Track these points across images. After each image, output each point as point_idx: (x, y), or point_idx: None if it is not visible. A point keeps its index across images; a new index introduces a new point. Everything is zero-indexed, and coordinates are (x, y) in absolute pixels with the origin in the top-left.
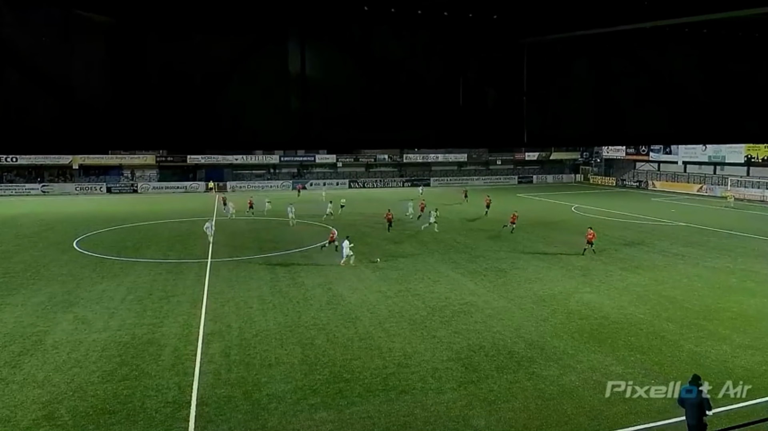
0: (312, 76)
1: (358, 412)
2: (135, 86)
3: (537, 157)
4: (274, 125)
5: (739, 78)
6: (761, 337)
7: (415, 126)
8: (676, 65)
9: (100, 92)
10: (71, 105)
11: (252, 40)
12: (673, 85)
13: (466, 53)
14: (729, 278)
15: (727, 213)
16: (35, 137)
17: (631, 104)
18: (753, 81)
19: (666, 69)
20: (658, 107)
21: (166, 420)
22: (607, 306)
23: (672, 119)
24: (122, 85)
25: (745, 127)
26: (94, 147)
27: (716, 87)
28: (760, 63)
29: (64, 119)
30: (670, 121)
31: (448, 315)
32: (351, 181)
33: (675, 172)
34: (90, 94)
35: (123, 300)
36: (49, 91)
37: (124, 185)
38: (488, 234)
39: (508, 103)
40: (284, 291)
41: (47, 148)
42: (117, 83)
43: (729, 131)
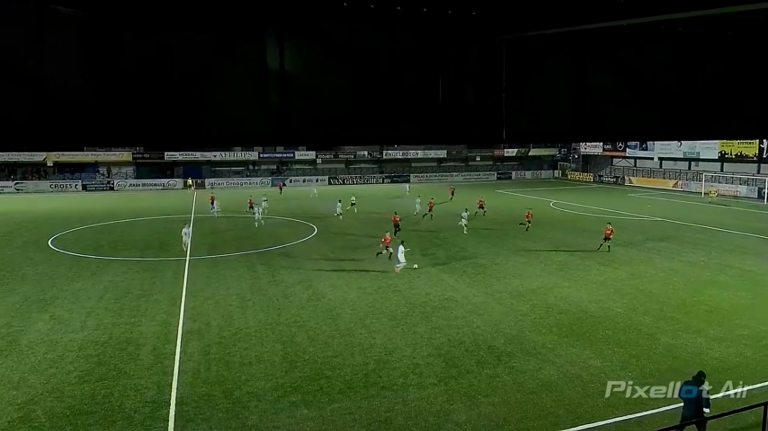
0: (291, 72)
1: (339, 409)
2: (111, 82)
3: (516, 153)
4: (253, 121)
5: (713, 75)
6: (734, 330)
7: (395, 122)
8: (652, 62)
9: (75, 88)
10: (45, 101)
11: (230, 37)
12: (649, 82)
13: (446, 50)
14: (704, 272)
15: (702, 208)
16: (8, 133)
17: (608, 101)
18: (727, 78)
19: (642, 66)
20: (634, 104)
21: (145, 420)
22: (585, 301)
23: (648, 116)
24: (98, 80)
25: (719, 123)
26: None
27: (691, 84)
28: (734, 61)
29: (38, 115)
30: (646, 117)
31: (428, 310)
32: (331, 178)
33: (651, 167)
34: (65, 89)
35: (100, 299)
36: (22, 87)
37: (100, 183)
38: (468, 230)
39: (487, 100)
40: (264, 288)
41: (21, 144)
42: (93, 79)
43: (704, 127)
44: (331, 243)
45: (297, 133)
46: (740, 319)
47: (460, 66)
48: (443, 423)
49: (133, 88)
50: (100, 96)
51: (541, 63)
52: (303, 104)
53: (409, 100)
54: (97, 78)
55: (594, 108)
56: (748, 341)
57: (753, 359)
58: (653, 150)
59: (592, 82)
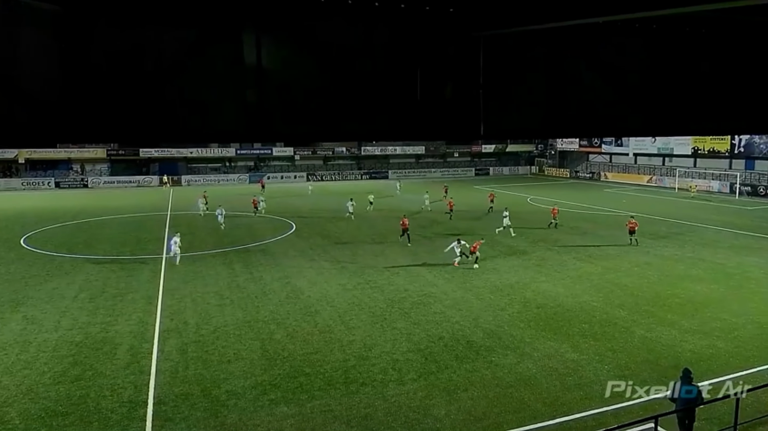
0: (268, 68)
1: (318, 406)
2: (84, 77)
3: (493, 150)
4: (230, 117)
5: (687, 72)
6: (707, 322)
7: (373, 118)
8: (628, 60)
9: (47, 83)
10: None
11: (207, 32)
12: (624, 79)
13: (424, 46)
14: (677, 266)
15: (676, 203)
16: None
17: (584, 97)
18: (700, 75)
19: (618, 63)
20: (610, 100)
21: (122, 420)
22: (561, 295)
23: (624, 112)
24: (70, 76)
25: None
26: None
27: (666, 81)
28: (707, 58)
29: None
30: (622, 113)
31: (407, 306)
32: (309, 174)
33: (626, 163)
34: (36, 85)
35: (75, 299)
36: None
37: (73, 180)
38: (448, 226)
39: (465, 96)
40: (242, 286)
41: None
42: (65, 74)
43: (678, 124)
44: (310, 240)
45: (274, 129)
46: (713, 312)
47: (437, 62)
48: (423, 418)
49: (107, 84)
50: (72, 92)
51: (518, 59)
52: (280, 100)
53: (387, 96)
54: (69, 73)
55: (571, 104)
56: (721, 333)
57: (725, 350)
58: (628, 146)
59: (569, 79)
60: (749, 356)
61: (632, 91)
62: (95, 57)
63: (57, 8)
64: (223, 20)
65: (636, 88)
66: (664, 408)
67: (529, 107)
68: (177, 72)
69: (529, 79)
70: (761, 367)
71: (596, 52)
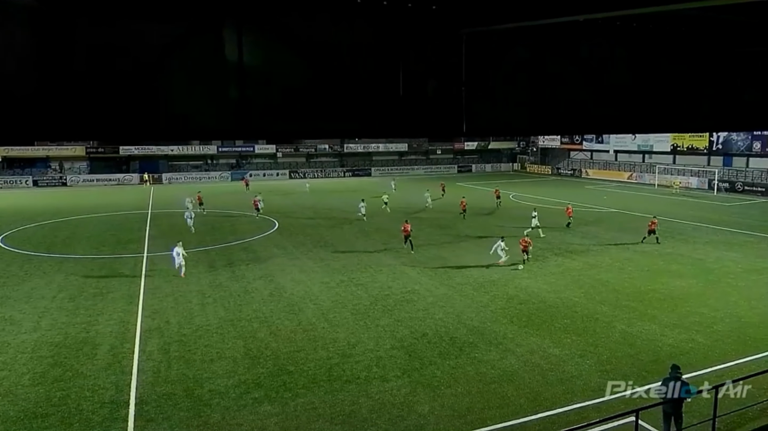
0: (250, 64)
1: (302, 404)
2: (63, 73)
3: (476, 147)
4: (212, 114)
5: (667, 70)
6: (686, 316)
7: (356, 116)
8: (609, 58)
9: (24, 80)
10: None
11: (187, 27)
12: (606, 77)
13: (406, 43)
14: (657, 261)
15: (656, 199)
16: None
17: (566, 95)
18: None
19: (599, 61)
20: (592, 98)
21: (104, 421)
22: (544, 291)
23: (605, 109)
24: (49, 72)
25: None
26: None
27: (646, 79)
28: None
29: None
30: (603, 111)
31: (390, 304)
32: (291, 171)
33: (607, 160)
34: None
35: (54, 299)
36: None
37: (52, 178)
38: (431, 223)
39: (448, 94)
40: (224, 284)
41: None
42: (42, 70)
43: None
44: (293, 238)
45: (256, 126)
46: (692, 306)
47: (420, 59)
48: (407, 414)
49: (85, 80)
50: (50, 88)
51: (500, 57)
52: (262, 97)
53: (370, 93)
54: (47, 69)
55: (552, 102)
56: (700, 327)
57: (704, 344)
58: (609, 143)
59: (551, 77)
60: (727, 350)
61: (613, 89)
62: (73, 52)
63: (34, 2)
64: (205, 16)
65: (617, 85)
66: (644, 402)
67: (512, 104)
68: (157, 68)
69: (512, 77)
70: (739, 360)
71: (578, 50)
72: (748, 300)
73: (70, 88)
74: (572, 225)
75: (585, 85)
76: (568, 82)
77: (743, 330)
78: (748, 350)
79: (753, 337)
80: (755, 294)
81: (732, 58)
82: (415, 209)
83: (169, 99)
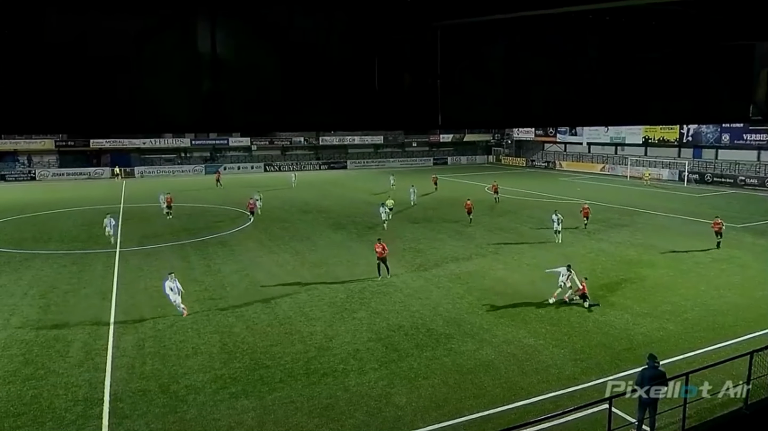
0: (223, 56)
1: (280, 398)
2: (29, 64)
3: (451, 139)
4: (184, 107)
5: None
6: (658, 306)
7: (330, 108)
8: (581, 50)
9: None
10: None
11: (160, 18)
12: (578, 69)
13: (381, 35)
14: (629, 251)
15: (628, 191)
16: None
17: (541, 88)
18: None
19: (573, 54)
20: (565, 90)
21: (78, 419)
22: (519, 282)
23: (578, 102)
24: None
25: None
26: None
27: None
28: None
29: None
30: (576, 103)
31: (367, 296)
32: (266, 164)
33: (580, 152)
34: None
35: (24, 296)
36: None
37: (20, 172)
38: (405, 215)
39: (423, 86)
40: (199, 279)
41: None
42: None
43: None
44: (268, 232)
45: (229, 119)
46: (664, 296)
47: (395, 52)
48: (384, 406)
49: (54, 71)
50: (17, 79)
51: (475, 50)
52: (236, 89)
53: (345, 85)
54: (13, 59)
55: (527, 94)
56: (671, 316)
57: (675, 332)
58: (582, 135)
59: (526, 69)
60: (698, 337)
61: (586, 82)
62: (41, 42)
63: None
64: (178, 6)
65: (590, 78)
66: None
67: (487, 97)
68: (129, 59)
69: (486, 69)
70: (708, 347)
71: (551, 43)
72: (717, 289)
73: (37, 79)
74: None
75: (559, 77)
76: (542, 75)
77: (713, 318)
78: (717, 337)
79: (722, 324)
80: (723, 283)
81: (702, 51)
82: (401, 206)
83: (141, 91)
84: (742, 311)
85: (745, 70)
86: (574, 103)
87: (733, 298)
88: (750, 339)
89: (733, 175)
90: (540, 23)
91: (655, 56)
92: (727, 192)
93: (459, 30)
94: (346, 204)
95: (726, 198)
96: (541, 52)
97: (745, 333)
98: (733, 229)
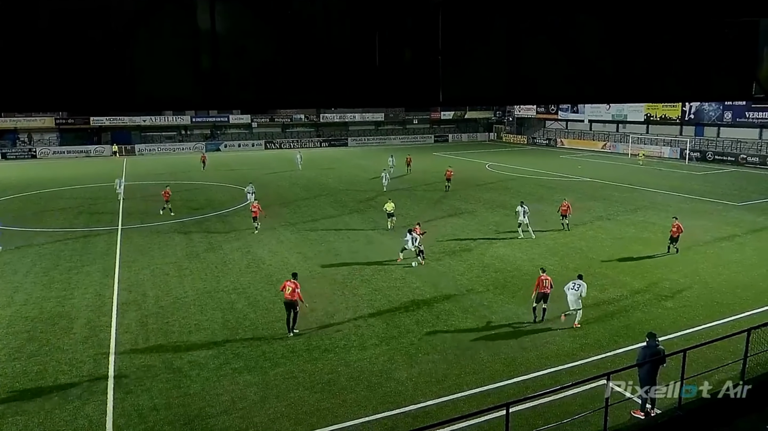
0: (222, 33)
1: (281, 373)
2: (29, 42)
3: (452, 116)
4: (184, 84)
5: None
6: (657, 283)
7: (331, 85)
8: (581, 28)
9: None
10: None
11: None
12: (580, 46)
13: (382, 12)
14: (629, 229)
15: (629, 168)
16: None
17: (542, 65)
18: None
19: (573, 32)
20: (566, 68)
21: (83, 394)
22: (519, 259)
23: (579, 80)
24: (14, 41)
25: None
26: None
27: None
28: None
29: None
30: (577, 81)
31: (368, 273)
32: (267, 142)
33: (581, 130)
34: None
35: (27, 273)
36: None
37: (21, 150)
38: (408, 193)
39: (424, 63)
40: (201, 256)
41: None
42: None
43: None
44: (269, 209)
45: (229, 96)
46: (662, 273)
47: (396, 28)
48: (385, 381)
49: (54, 49)
50: (17, 57)
51: (476, 27)
52: (236, 67)
53: (345, 62)
54: (12, 39)
55: (528, 72)
56: (669, 293)
57: (673, 310)
58: (584, 113)
59: (527, 47)
60: (695, 315)
61: (589, 58)
62: (40, 19)
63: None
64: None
65: (592, 55)
66: (616, 365)
67: (488, 74)
68: (128, 36)
69: (488, 46)
70: (706, 325)
71: (554, 19)
72: (715, 267)
73: (37, 57)
74: (546, 195)
75: (561, 54)
76: (544, 52)
77: (711, 295)
78: (715, 315)
79: (720, 302)
80: (722, 260)
81: (705, 28)
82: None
83: (140, 68)
84: (740, 289)
85: (748, 47)
86: (576, 80)
87: (731, 276)
88: (748, 316)
89: (734, 153)
90: (541, 1)
91: (657, 33)
92: (728, 170)
93: (460, 5)
94: (346, 181)
95: (727, 176)
96: (542, 29)
97: (744, 311)
98: (734, 207)
